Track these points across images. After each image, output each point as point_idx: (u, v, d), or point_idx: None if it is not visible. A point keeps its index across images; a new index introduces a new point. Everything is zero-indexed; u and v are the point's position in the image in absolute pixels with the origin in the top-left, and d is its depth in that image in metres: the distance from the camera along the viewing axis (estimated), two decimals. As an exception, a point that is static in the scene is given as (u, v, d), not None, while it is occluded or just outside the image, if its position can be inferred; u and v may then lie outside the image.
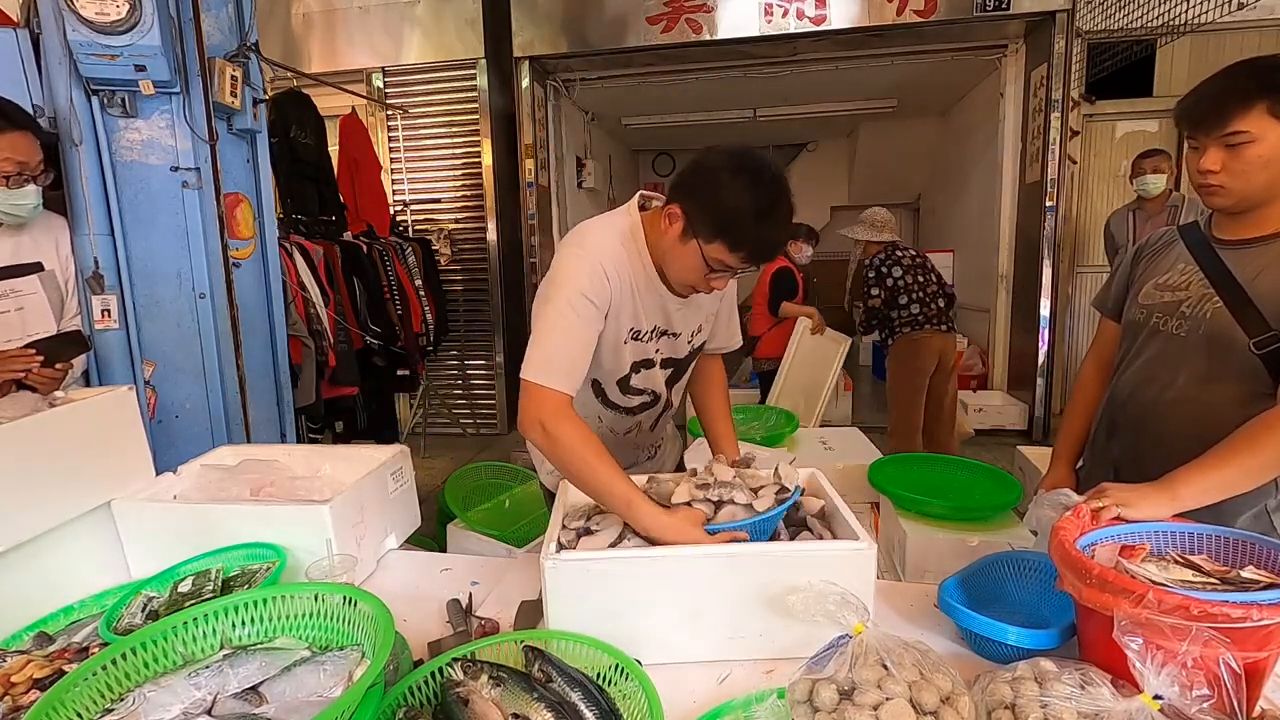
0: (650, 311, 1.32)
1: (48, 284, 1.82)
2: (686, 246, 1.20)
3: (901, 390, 3.79)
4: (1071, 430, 1.48)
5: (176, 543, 1.24)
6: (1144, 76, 4.78)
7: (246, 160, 2.38)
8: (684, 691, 0.96)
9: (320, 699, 0.80)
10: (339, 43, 5.03)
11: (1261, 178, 1.10)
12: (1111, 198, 4.97)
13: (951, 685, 0.79)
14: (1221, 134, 1.10)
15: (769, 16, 4.65)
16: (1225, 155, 1.11)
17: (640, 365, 1.37)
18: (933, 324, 3.65)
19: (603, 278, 1.22)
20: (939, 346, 3.68)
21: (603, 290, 1.23)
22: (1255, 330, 1.12)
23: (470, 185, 5.18)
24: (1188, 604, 0.76)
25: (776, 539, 1.16)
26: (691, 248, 1.19)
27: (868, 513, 2.68)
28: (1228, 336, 1.15)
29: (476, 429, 5.47)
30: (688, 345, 1.43)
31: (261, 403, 2.42)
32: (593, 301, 1.21)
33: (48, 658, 0.99)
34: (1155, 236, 1.38)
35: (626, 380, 1.38)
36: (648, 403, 1.45)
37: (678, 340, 1.40)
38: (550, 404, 1.18)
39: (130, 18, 1.88)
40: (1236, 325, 1.14)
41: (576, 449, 1.15)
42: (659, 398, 1.46)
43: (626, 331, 1.30)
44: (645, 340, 1.34)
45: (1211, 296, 1.19)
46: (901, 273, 3.68)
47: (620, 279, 1.25)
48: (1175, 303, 1.24)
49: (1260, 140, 1.08)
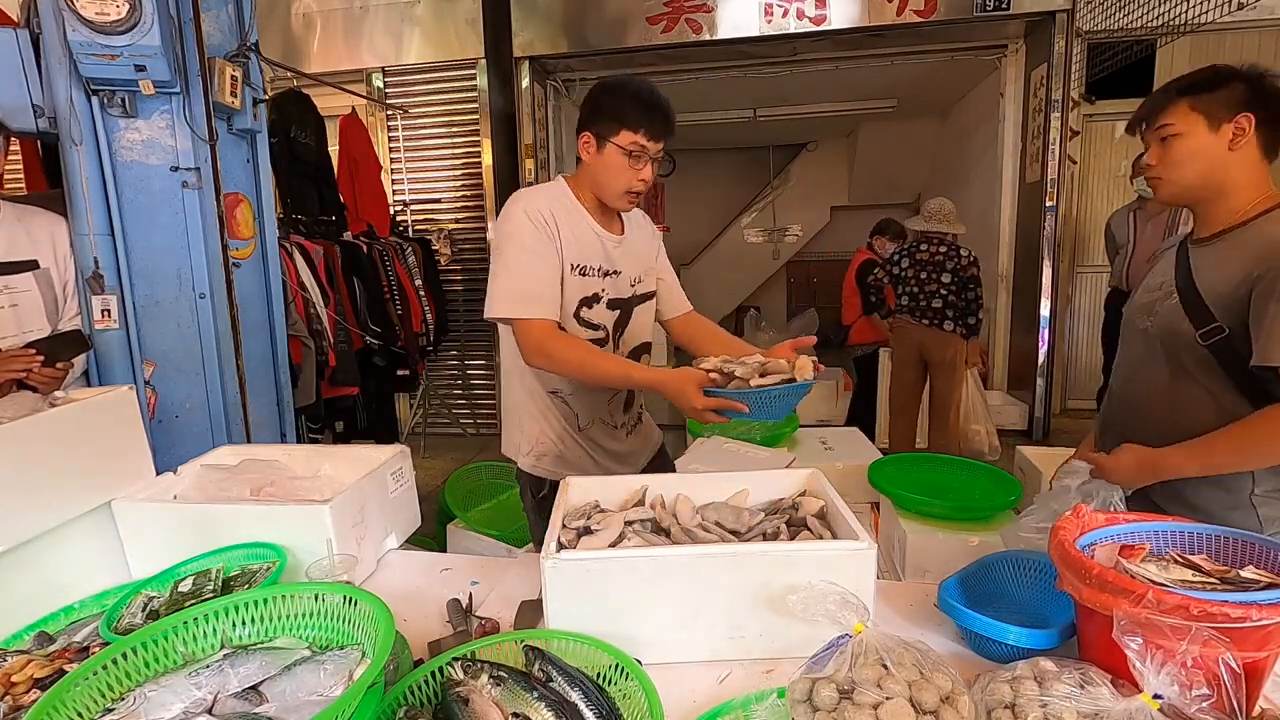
0: (588, 249, 1.50)
1: (43, 282, 1.82)
2: (605, 156, 1.43)
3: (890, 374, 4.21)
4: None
5: (177, 543, 1.24)
6: (1144, 76, 4.77)
7: (246, 160, 2.38)
8: (684, 691, 0.96)
9: (321, 698, 0.80)
10: (339, 43, 5.03)
11: (1191, 169, 1.21)
12: (1111, 198, 4.97)
13: (951, 685, 0.79)
14: (1154, 128, 1.24)
15: (769, 16, 4.65)
16: (1160, 150, 1.24)
17: (590, 300, 1.52)
18: (915, 316, 3.86)
19: (540, 216, 1.43)
20: (918, 338, 3.90)
21: (545, 224, 1.43)
22: (1201, 323, 1.19)
23: (470, 185, 5.18)
24: (1187, 604, 0.76)
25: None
26: (609, 152, 1.42)
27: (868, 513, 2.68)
28: (1180, 330, 1.22)
29: (476, 429, 5.47)
30: (630, 287, 1.58)
31: (261, 403, 2.42)
32: (538, 233, 1.42)
33: (48, 657, 0.99)
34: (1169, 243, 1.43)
35: (578, 312, 1.52)
36: (600, 339, 1.56)
37: (620, 279, 1.56)
38: (539, 331, 1.40)
39: (130, 18, 1.88)
40: (1185, 319, 1.21)
41: (574, 354, 1.40)
42: (608, 335, 1.58)
43: (569, 266, 1.47)
44: (589, 275, 1.50)
45: (1171, 293, 1.26)
46: (909, 264, 3.88)
47: (555, 217, 1.45)
48: (1150, 302, 1.32)
49: (1187, 135, 1.20)
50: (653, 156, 1.43)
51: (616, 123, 1.40)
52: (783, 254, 9.52)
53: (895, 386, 4.17)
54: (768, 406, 1.25)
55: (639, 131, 1.39)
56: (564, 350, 1.40)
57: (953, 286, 3.76)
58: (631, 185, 1.45)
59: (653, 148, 1.42)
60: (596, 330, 1.55)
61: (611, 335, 1.59)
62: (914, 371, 4.02)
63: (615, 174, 1.44)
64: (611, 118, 1.41)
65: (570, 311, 1.51)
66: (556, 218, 1.46)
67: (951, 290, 3.76)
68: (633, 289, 1.60)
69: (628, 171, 1.43)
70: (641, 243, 1.63)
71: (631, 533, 1.16)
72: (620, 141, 1.40)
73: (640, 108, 1.39)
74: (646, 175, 1.44)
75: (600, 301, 1.54)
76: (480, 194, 5.16)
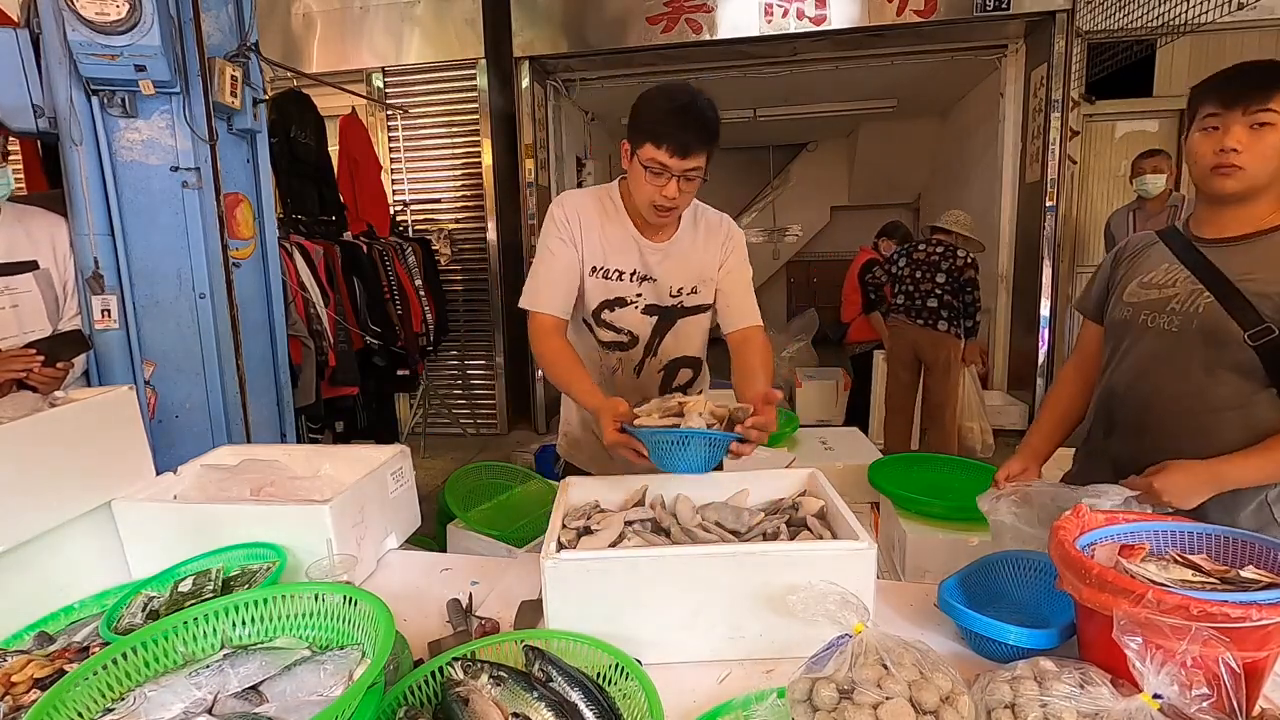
0: (620, 254, 1.50)
1: (43, 283, 1.82)
2: (634, 166, 1.39)
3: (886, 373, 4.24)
4: (1040, 425, 1.51)
5: (177, 542, 1.24)
6: (1144, 76, 4.77)
7: (246, 160, 2.38)
8: (684, 691, 0.96)
9: (321, 698, 0.80)
10: (339, 43, 5.03)
11: (1274, 165, 1.13)
12: (1111, 198, 4.97)
13: (951, 685, 0.79)
14: (1259, 108, 1.12)
15: (769, 16, 4.65)
16: (1249, 136, 1.13)
17: (613, 304, 1.52)
18: (908, 316, 3.91)
19: (564, 218, 1.47)
20: (912, 338, 3.95)
21: (565, 225, 1.47)
22: (1248, 323, 1.15)
23: (470, 185, 5.18)
24: (1187, 604, 0.76)
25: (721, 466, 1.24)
26: (635, 165, 1.38)
27: (868, 513, 2.68)
28: (1222, 330, 1.17)
29: (476, 429, 5.47)
30: (671, 297, 1.55)
31: (261, 403, 2.42)
32: (559, 234, 1.46)
33: (48, 657, 0.99)
34: (1135, 239, 1.40)
35: (599, 314, 1.53)
36: (624, 342, 1.56)
37: (657, 286, 1.53)
38: (535, 325, 1.46)
39: (130, 18, 1.88)
40: (1229, 318, 1.16)
41: (548, 356, 1.43)
42: (637, 340, 1.56)
43: (588, 268, 1.49)
44: (614, 279, 1.50)
45: (1201, 292, 1.21)
46: (906, 264, 3.93)
47: (584, 217, 1.47)
48: (1164, 299, 1.26)
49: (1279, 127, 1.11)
50: (677, 174, 1.34)
51: (641, 135, 1.35)
52: (783, 254, 9.53)
53: (891, 386, 4.19)
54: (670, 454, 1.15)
55: (661, 147, 1.32)
56: (541, 347, 1.44)
57: (948, 287, 3.77)
58: (654, 200, 1.38)
59: (677, 165, 1.33)
60: (619, 334, 1.54)
61: (647, 342, 1.56)
62: (909, 371, 4.05)
63: (639, 186, 1.39)
64: (638, 128, 1.35)
65: (590, 311, 1.52)
66: (582, 220, 1.46)
67: (947, 290, 3.77)
68: (674, 299, 1.54)
69: (648, 186, 1.37)
70: (699, 253, 1.54)
71: (631, 533, 1.16)
72: (642, 155, 1.35)
73: (663, 121, 1.32)
74: (670, 191, 1.36)
75: (630, 306, 1.52)
76: (480, 194, 5.16)
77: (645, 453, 1.18)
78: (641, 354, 1.57)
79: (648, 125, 1.34)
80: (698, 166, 1.35)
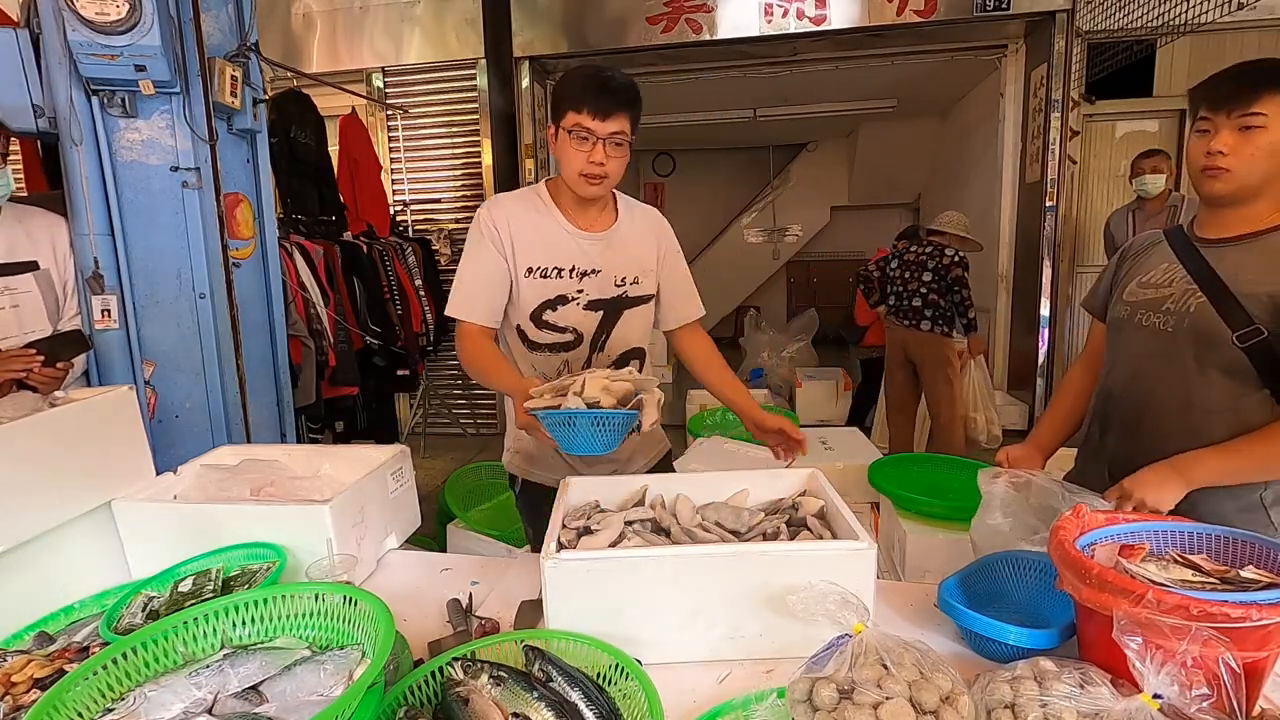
0: (555, 250, 1.48)
1: (43, 283, 1.82)
2: (561, 141, 1.41)
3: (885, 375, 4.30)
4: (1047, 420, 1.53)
5: (176, 543, 1.24)
6: (1144, 76, 4.77)
7: (246, 160, 2.38)
8: (684, 691, 0.96)
9: (321, 698, 0.80)
10: (339, 43, 5.03)
11: (1264, 167, 1.14)
12: (1111, 198, 4.97)
13: (951, 685, 0.79)
14: (1243, 112, 1.13)
15: (769, 16, 4.65)
16: (1236, 138, 1.14)
17: (554, 303, 1.50)
18: (896, 316, 3.97)
19: (490, 223, 1.46)
20: (900, 338, 4.00)
21: (490, 230, 1.46)
22: (1238, 324, 1.15)
23: (470, 185, 5.18)
24: (1187, 604, 0.76)
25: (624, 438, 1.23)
26: (562, 137, 1.40)
27: (868, 513, 2.68)
28: (1212, 331, 1.17)
29: (476, 429, 5.47)
30: (615, 287, 1.53)
31: (261, 403, 2.42)
32: (485, 239, 1.46)
33: (48, 657, 0.99)
34: (1141, 238, 1.41)
35: (538, 315, 1.51)
36: (568, 342, 1.53)
37: (601, 278, 1.51)
38: (460, 333, 1.48)
39: (130, 18, 1.88)
40: (1219, 319, 1.17)
41: (477, 361, 1.44)
42: (581, 337, 1.54)
43: (523, 270, 1.47)
44: (553, 277, 1.49)
45: (1195, 292, 1.21)
46: (897, 265, 3.98)
47: (514, 220, 1.47)
48: (1159, 299, 1.26)
49: (1272, 129, 1.12)
50: (602, 137, 1.37)
51: (563, 105, 1.38)
52: (783, 254, 9.53)
53: (890, 386, 4.23)
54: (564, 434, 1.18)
55: (581, 111, 1.35)
56: (467, 352, 1.46)
57: (934, 286, 3.78)
58: (582, 168, 1.39)
59: (600, 128, 1.36)
60: (564, 333, 1.51)
61: (592, 338, 1.54)
62: (904, 370, 4.07)
63: (568, 158, 1.40)
64: (559, 101, 1.40)
65: (528, 315, 1.50)
66: (511, 223, 1.46)
67: (933, 290, 3.79)
68: (619, 289, 1.53)
69: (576, 154, 1.39)
70: (638, 241, 1.56)
71: (631, 533, 1.16)
72: (565, 124, 1.38)
73: (580, 87, 1.36)
74: (598, 156, 1.38)
75: (572, 303, 1.50)
76: (480, 194, 5.16)
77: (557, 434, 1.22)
78: (588, 351, 1.55)
79: (569, 95, 1.37)
80: (621, 130, 1.38)
